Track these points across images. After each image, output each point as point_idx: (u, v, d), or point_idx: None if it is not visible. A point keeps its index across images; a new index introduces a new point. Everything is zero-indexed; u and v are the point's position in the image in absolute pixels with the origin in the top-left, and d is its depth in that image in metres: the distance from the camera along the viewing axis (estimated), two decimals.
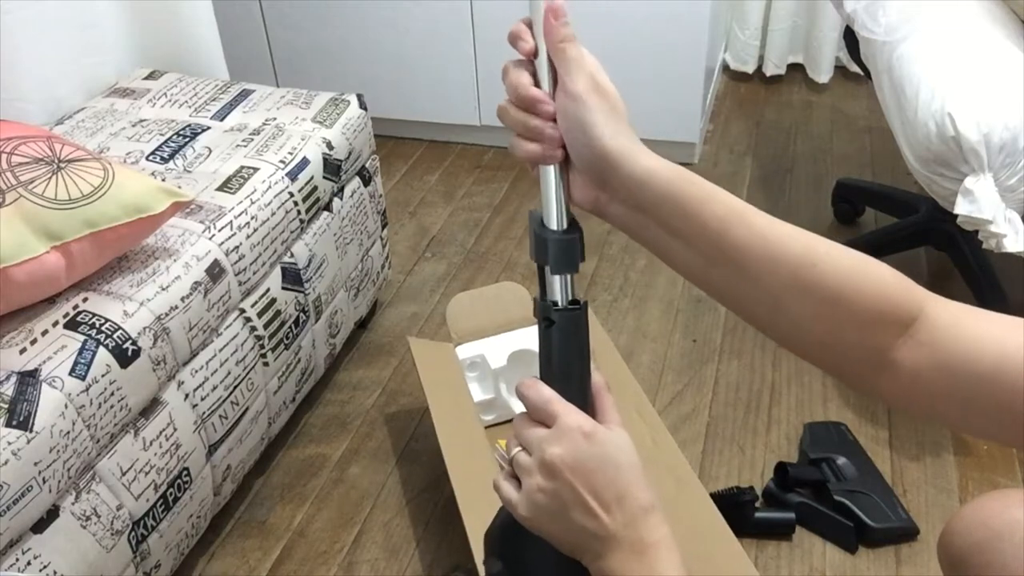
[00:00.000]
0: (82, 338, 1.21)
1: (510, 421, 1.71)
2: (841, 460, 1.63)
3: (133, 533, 1.29)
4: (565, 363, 0.68)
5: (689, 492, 1.42)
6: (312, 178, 1.66)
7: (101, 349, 1.21)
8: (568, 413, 0.65)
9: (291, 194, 1.61)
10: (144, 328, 1.28)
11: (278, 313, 1.58)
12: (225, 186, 1.55)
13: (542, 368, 0.68)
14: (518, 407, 0.66)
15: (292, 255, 1.62)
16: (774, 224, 0.63)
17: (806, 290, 0.61)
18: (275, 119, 1.76)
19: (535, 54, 0.67)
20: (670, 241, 0.65)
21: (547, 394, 0.66)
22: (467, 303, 1.80)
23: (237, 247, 1.47)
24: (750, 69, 3.08)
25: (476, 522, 1.36)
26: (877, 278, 0.63)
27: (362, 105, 1.85)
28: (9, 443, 1.08)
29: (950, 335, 0.62)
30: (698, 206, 0.63)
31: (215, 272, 1.41)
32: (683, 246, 0.64)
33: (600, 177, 0.66)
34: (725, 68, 3.14)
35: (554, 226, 0.68)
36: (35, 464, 1.11)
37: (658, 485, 1.44)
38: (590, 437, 0.64)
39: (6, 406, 1.10)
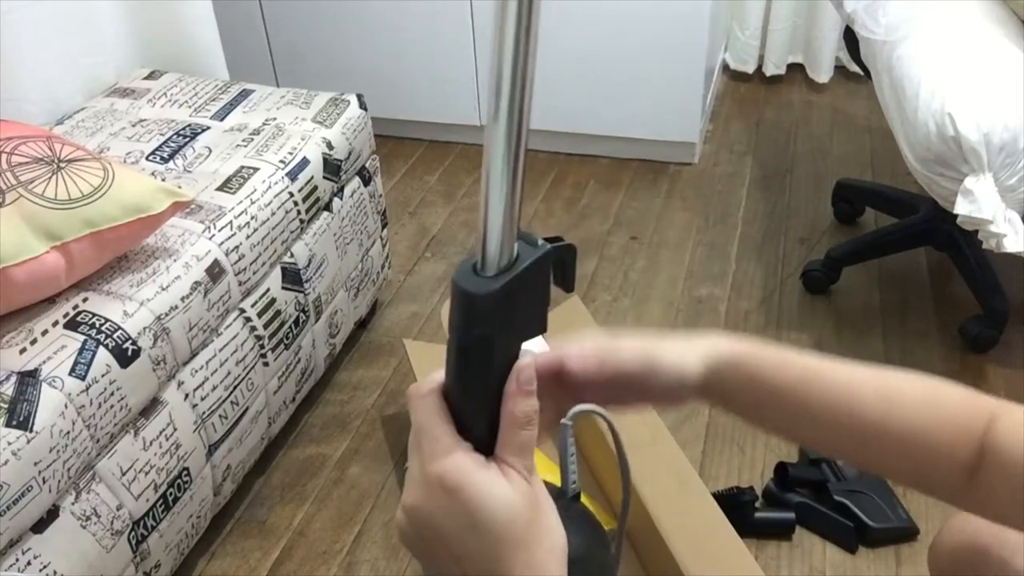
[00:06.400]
0: (82, 338, 1.21)
1: None
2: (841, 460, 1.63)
3: (133, 533, 1.28)
4: (458, 378, 0.53)
5: (690, 491, 1.43)
6: (312, 178, 1.66)
7: (101, 349, 1.21)
8: (435, 455, 0.51)
9: (291, 194, 1.61)
10: (144, 328, 1.27)
11: (278, 313, 1.58)
12: (225, 186, 1.55)
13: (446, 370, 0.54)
14: None
15: (292, 255, 1.62)
16: (851, 375, 0.66)
17: (884, 432, 0.65)
18: (275, 119, 1.76)
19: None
20: (753, 412, 0.68)
21: (424, 417, 0.52)
22: None
23: (237, 247, 1.47)
24: (750, 69, 3.08)
25: None
26: (945, 410, 0.66)
27: (362, 105, 1.85)
28: (9, 443, 1.08)
29: (1015, 457, 0.63)
30: (772, 380, 0.66)
31: (215, 272, 1.41)
32: (766, 414, 0.67)
33: (672, 401, 0.67)
34: (725, 68, 3.14)
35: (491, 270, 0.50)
36: (35, 464, 1.11)
37: (659, 485, 1.44)
38: (452, 494, 0.49)
39: (6, 406, 1.10)
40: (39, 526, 1.14)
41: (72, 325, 1.23)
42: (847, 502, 1.54)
